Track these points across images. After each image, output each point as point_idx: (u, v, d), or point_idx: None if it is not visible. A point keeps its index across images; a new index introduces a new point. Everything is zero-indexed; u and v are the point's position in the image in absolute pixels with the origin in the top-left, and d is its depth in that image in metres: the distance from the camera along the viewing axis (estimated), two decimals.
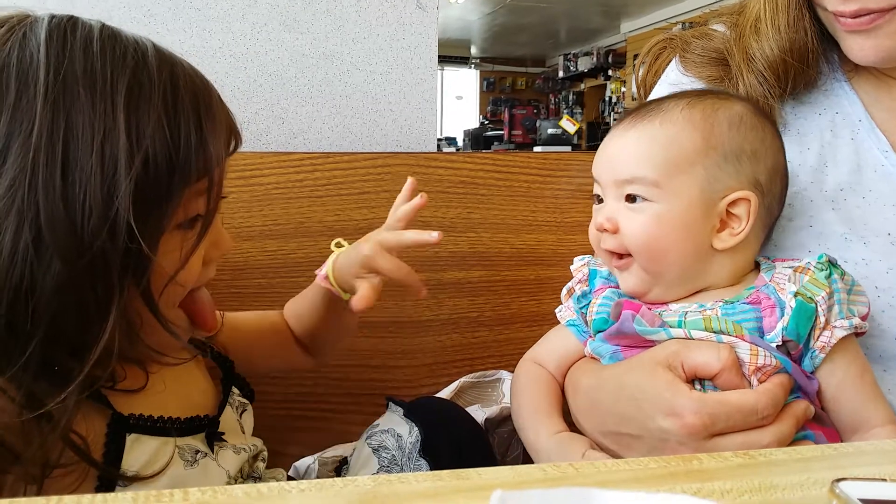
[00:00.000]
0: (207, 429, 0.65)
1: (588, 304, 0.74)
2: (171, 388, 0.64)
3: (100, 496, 0.41)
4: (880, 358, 0.73)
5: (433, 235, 0.71)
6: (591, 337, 0.74)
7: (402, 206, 0.77)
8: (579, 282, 0.77)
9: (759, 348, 0.63)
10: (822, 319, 0.64)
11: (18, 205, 0.49)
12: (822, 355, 0.64)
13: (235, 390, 0.73)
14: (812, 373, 0.65)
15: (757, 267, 0.72)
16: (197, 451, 0.63)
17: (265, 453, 0.74)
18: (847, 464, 0.48)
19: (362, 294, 0.71)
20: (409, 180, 0.78)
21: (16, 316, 0.50)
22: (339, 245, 0.79)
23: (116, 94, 0.52)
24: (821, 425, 0.65)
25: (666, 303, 0.70)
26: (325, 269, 0.78)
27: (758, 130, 0.71)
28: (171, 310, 0.60)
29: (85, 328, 0.52)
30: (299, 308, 0.86)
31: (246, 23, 1.10)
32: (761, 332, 0.65)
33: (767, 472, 0.46)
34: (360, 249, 0.74)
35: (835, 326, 0.64)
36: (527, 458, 0.75)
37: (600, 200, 0.73)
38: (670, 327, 0.66)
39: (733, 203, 0.68)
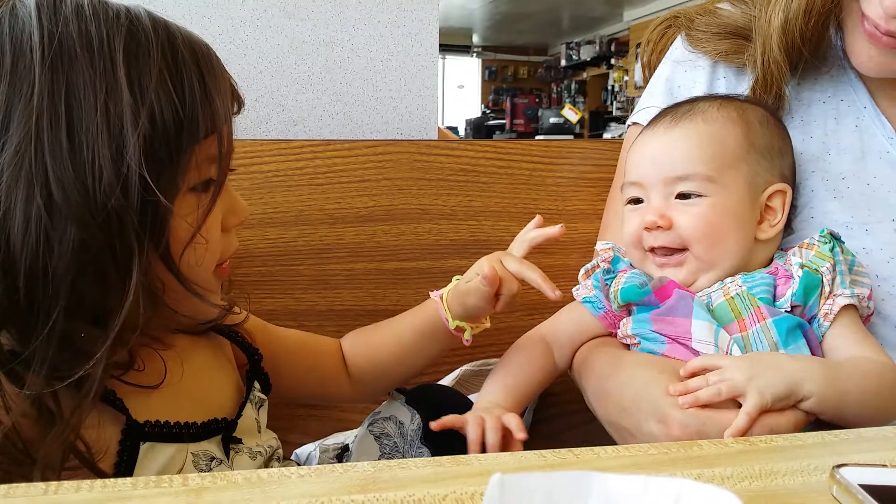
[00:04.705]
0: (224, 432, 0.64)
1: (614, 277, 0.76)
2: (191, 385, 0.62)
3: (99, 481, 0.41)
4: (881, 345, 0.73)
5: (555, 229, 0.72)
6: (616, 316, 0.75)
7: (531, 233, 0.76)
8: (604, 261, 0.79)
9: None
10: (827, 289, 0.67)
11: (27, 171, 0.49)
12: (827, 323, 0.66)
13: (256, 385, 0.71)
14: (818, 342, 0.67)
15: None
16: (212, 458, 0.61)
17: (280, 452, 0.71)
18: (847, 450, 0.48)
19: (488, 274, 0.69)
20: (537, 217, 0.78)
21: (34, 287, 0.49)
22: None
23: (115, 52, 0.52)
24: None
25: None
26: (442, 291, 0.77)
27: (780, 129, 0.75)
28: (199, 274, 0.59)
29: (106, 293, 0.52)
30: (381, 335, 0.83)
31: (246, 9, 1.09)
32: (773, 300, 0.67)
33: (768, 458, 0.46)
34: (480, 264, 0.73)
35: (837, 295, 0.67)
36: (527, 445, 0.76)
37: (636, 201, 0.74)
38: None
39: (771, 196, 0.71)
